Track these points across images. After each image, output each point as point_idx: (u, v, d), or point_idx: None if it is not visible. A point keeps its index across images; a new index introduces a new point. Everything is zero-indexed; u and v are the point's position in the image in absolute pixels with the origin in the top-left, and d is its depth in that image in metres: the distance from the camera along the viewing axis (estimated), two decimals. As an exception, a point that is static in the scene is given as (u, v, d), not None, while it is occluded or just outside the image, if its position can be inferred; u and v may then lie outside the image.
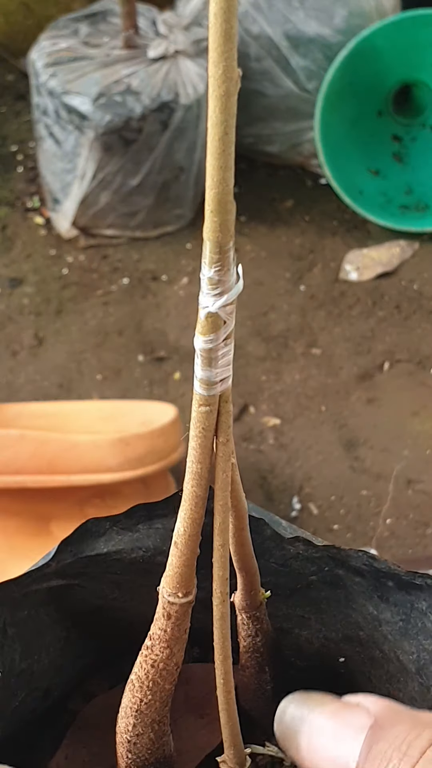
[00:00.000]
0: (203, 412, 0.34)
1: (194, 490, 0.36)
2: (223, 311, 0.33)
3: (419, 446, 1.37)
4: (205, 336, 0.33)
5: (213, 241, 0.30)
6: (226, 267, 0.31)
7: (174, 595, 0.40)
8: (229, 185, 0.29)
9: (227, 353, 0.35)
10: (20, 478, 1.06)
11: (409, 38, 1.61)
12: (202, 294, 0.33)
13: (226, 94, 0.26)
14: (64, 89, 1.49)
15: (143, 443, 1.07)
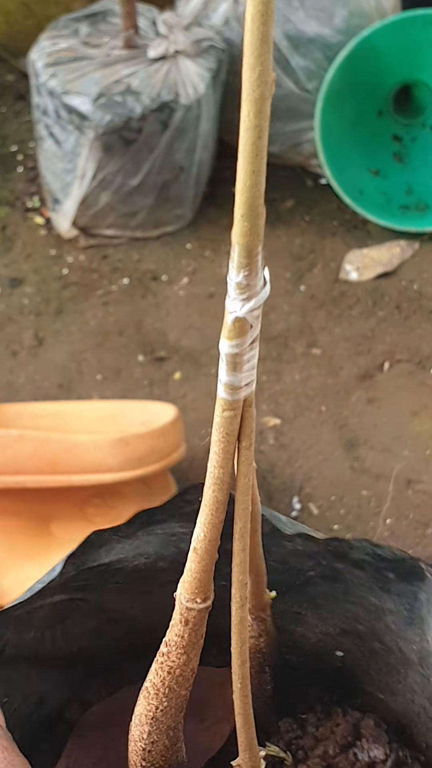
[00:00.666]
0: (227, 417, 0.34)
1: (215, 495, 0.35)
2: (251, 316, 0.33)
3: (419, 446, 1.37)
4: (231, 341, 0.33)
5: (242, 246, 0.29)
6: (254, 271, 0.31)
7: (192, 600, 0.39)
8: (260, 189, 0.29)
9: (252, 357, 0.34)
10: (20, 478, 1.06)
11: (410, 38, 1.62)
12: (229, 299, 0.32)
13: (261, 97, 0.25)
14: (64, 89, 1.49)
15: (143, 443, 1.08)
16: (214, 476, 0.36)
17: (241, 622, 0.39)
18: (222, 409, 0.34)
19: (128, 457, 1.07)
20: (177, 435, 1.13)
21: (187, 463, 1.32)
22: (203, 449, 1.36)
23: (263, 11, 0.24)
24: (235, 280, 0.31)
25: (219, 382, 0.32)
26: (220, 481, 0.36)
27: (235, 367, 0.33)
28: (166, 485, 1.18)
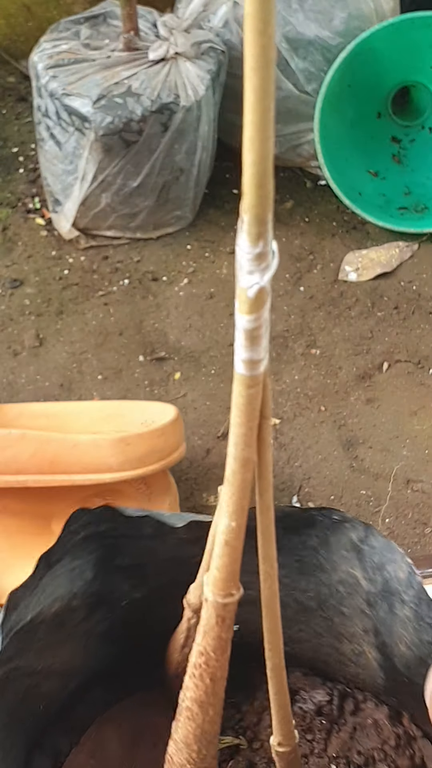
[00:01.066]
0: (252, 393, 0.33)
1: (244, 476, 0.35)
2: (268, 286, 0.33)
3: (418, 446, 1.37)
4: (250, 314, 0.32)
5: (257, 216, 0.29)
6: (268, 240, 0.31)
7: (227, 595, 0.39)
8: (270, 158, 0.28)
9: (267, 330, 0.34)
10: (22, 478, 1.06)
11: (408, 40, 1.62)
12: (245, 272, 0.32)
13: (264, 59, 0.25)
14: (64, 91, 1.49)
15: (144, 443, 1.08)
16: (242, 458, 0.35)
17: (273, 596, 0.39)
18: (246, 387, 0.34)
19: (128, 457, 1.07)
20: (177, 435, 1.13)
21: (187, 462, 1.32)
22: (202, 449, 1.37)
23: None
24: (254, 251, 0.31)
25: (238, 361, 0.32)
26: (247, 461, 0.36)
27: (254, 341, 0.33)
28: (166, 485, 1.18)
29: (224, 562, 0.38)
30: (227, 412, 1.41)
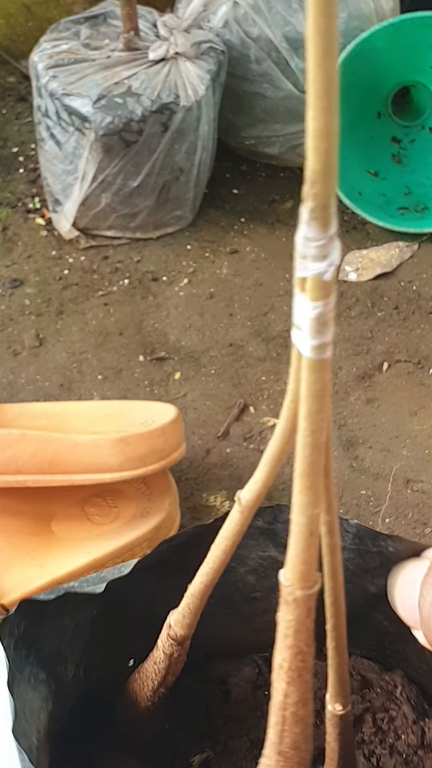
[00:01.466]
0: (327, 377, 0.33)
1: (317, 460, 0.35)
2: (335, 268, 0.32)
3: (418, 446, 1.37)
4: (319, 301, 0.32)
5: (323, 203, 0.29)
6: (335, 220, 0.31)
7: (314, 584, 0.39)
8: (336, 144, 0.28)
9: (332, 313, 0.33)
10: (21, 478, 1.06)
11: (408, 40, 1.62)
12: (311, 260, 0.31)
13: (327, 35, 0.25)
14: (64, 91, 1.49)
15: (144, 443, 1.08)
16: (318, 443, 0.35)
17: (332, 550, 0.39)
18: (323, 371, 0.33)
19: (128, 457, 1.07)
20: (177, 435, 1.13)
21: (187, 462, 1.32)
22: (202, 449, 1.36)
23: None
24: (327, 235, 0.31)
25: (305, 348, 0.32)
26: (322, 447, 0.35)
27: (326, 325, 0.33)
28: (166, 485, 1.18)
29: (301, 553, 0.38)
30: (227, 412, 1.42)
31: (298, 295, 0.32)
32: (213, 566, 0.44)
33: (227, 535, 0.43)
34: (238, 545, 0.48)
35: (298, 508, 0.36)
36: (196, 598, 0.45)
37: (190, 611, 0.46)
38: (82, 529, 1.12)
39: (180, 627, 0.46)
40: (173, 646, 0.47)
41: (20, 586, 1.06)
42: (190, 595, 0.45)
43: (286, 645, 0.39)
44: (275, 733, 0.41)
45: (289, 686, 0.39)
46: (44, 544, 1.11)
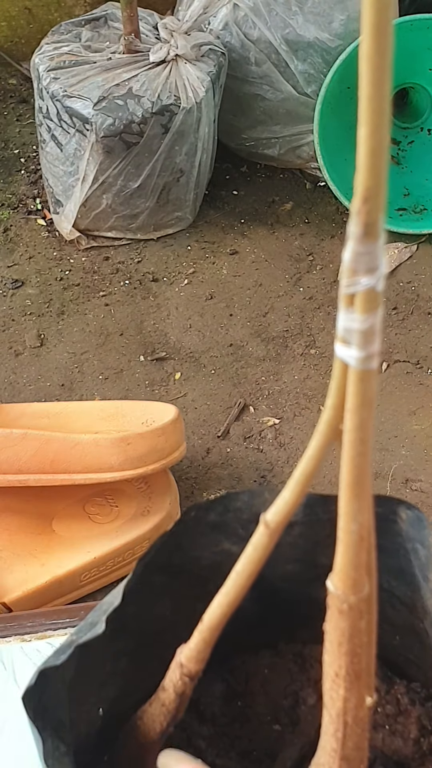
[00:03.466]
0: (375, 387, 0.33)
1: (366, 469, 0.35)
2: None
3: (417, 445, 1.38)
4: (369, 313, 0.32)
5: (375, 218, 0.29)
6: (383, 236, 0.31)
7: (362, 589, 0.38)
8: (388, 162, 0.28)
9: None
10: (23, 477, 1.07)
11: (407, 43, 1.63)
12: (363, 274, 0.31)
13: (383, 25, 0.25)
14: (66, 93, 1.50)
15: (144, 442, 1.09)
16: (366, 451, 0.35)
17: (369, 551, 0.38)
18: (369, 381, 0.33)
19: (129, 457, 1.08)
20: (177, 434, 1.14)
21: (188, 462, 1.33)
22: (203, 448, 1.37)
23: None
24: (378, 245, 0.31)
25: (356, 361, 0.32)
26: (369, 455, 0.35)
27: (373, 336, 0.33)
28: (166, 484, 1.19)
29: (361, 559, 0.38)
30: (227, 411, 1.42)
31: (346, 311, 0.32)
32: (233, 595, 0.41)
33: (251, 560, 0.40)
34: (189, 547, 0.48)
35: (349, 516, 0.36)
36: (212, 631, 0.42)
37: (205, 645, 0.43)
38: (83, 528, 1.13)
39: (194, 663, 0.43)
40: (186, 684, 0.44)
41: (22, 584, 1.07)
42: (205, 628, 0.42)
43: (342, 652, 0.39)
44: (336, 740, 0.40)
45: (348, 692, 0.39)
46: (45, 542, 1.12)
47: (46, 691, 0.41)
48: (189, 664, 0.43)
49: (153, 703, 0.46)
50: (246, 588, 0.41)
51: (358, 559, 0.37)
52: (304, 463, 0.37)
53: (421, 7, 1.71)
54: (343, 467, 0.35)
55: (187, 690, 0.44)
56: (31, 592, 1.07)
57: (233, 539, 0.48)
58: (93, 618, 0.43)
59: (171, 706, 0.45)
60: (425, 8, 1.66)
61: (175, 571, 0.44)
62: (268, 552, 0.40)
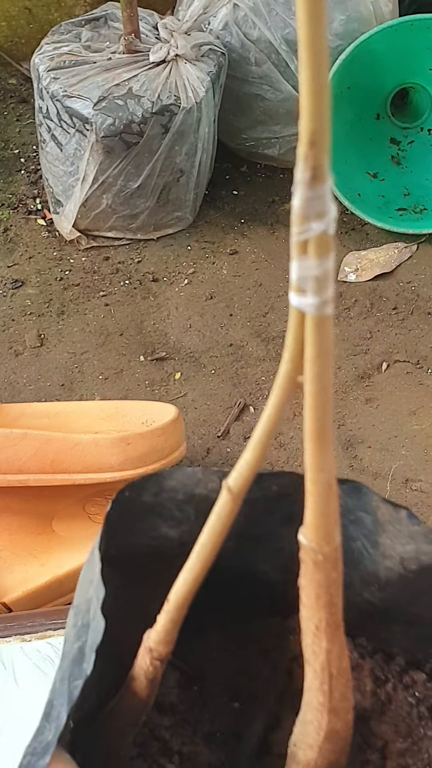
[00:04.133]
0: (331, 334, 0.33)
1: (328, 419, 0.35)
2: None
3: (417, 445, 1.38)
4: (323, 257, 0.32)
5: (322, 161, 0.29)
6: (329, 173, 0.31)
7: (335, 538, 0.38)
8: (330, 103, 0.28)
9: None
10: (23, 477, 1.07)
11: (407, 42, 1.63)
12: (314, 219, 0.32)
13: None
14: (66, 93, 1.50)
15: (144, 442, 1.09)
16: (326, 401, 0.35)
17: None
18: (325, 328, 0.34)
19: (129, 456, 1.08)
20: (177, 434, 1.14)
21: (188, 462, 1.33)
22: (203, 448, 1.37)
23: None
24: (326, 188, 0.31)
25: (312, 308, 0.32)
26: (330, 405, 0.35)
27: (327, 281, 0.33)
28: (166, 484, 1.19)
29: (331, 508, 0.38)
30: (227, 411, 1.42)
31: (300, 259, 0.32)
32: (198, 570, 0.40)
33: (215, 531, 0.39)
34: (120, 535, 0.46)
35: (315, 466, 0.36)
36: (179, 610, 0.41)
37: (173, 625, 0.42)
38: (83, 528, 1.12)
39: (163, 645, 0.42)
40: (157, 668, 0.43)
41: (22, 584, 1.07)
42: (172, 608, 0.41)
43: (321, 605, 0.39)
44: (323, 693, 0.40)
45: (331, 643, 0.39)
46: (45, 542, 1.12)
47: None
48: (158, 647, 0.42)
49: (123, 696, 0.45)
50: (211, 561, 0.40)
51: (329, 508, 0.37)
52: (263, 422, 0.36)
53: (421, 7, 1.71)
54: (306, 418, 0.35)
55: (158, 674, 0.43)
56: (31, 592, 1.07)
57: (170, 522, 0.47)
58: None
59: (143, 693, 0.44)
60: (425, 8, 1.66)
61: (113, 560, 0.44)
62: (232, 519, 0.39)
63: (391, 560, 0.47)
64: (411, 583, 0.46)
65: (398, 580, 0.47)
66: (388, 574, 0.47)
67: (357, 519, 0.46)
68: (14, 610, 1.05)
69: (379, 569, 0.47)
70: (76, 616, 0.42)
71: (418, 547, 0.45)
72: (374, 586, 0.48)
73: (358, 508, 0.46)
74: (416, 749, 0.49)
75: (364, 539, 0.47)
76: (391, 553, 0.46)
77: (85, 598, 0.42)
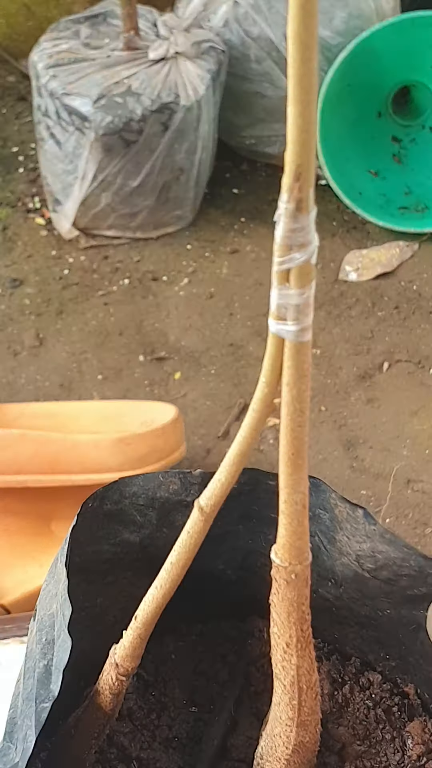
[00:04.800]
0: (309, 358, 0.34)
1: (304, 439, 0.35)
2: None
3: (418, 446, 1.37)
4: (304, 287, 0.33)
5: (307, 193, 0.29)
6: (313, 204, 0.31)
7: (307, 557, 0.38)
8: (317, 136, 0.29)
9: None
10: (22, 478, 1.06)
11: (409, 40, 1.62)
12: (297, 250, 0.32)
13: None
14: (64, 90, 1.49)
15: (144, 443, 1.08)
16: (304, 422, 0.36)
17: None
18: (304, 353, 0.35)
19: (129, 457, 1.07)
20: (177, 435, 1.13)
21: (187, 462, 1.32)
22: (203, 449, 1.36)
23: None
24: (310, 219, 0.31)
25: (291, 335, 0.33)
26: (307, 425, 0.36)
27: (308, 308, 0.34)
28: (166, 485, 1.18)
29: (305, 527, 0.39)
30: (227, 411, 1.41)
31: (280, 288, 0.33)
32: (168, 587, 0.40)
33: (187, 548, 0.39)
34: (87, 542, 0.46)
35: (290, 487, 0.37)
36: (147, 626, 0.41)
37: (140, 641, 0.42)
38: (82, 530, 1.12)
39: (129, 661, 0.42)
40: (123, 683, 0.43)
41: (20, 585, 1.06)
42: (140, 624, 0.41)
43: (292, 622, 0.39)
44: (292, 708, 0.40)
45: (300, 659, 0.40)
46: (44, 544, 1.11)
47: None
48: (124, 663, 0.42)
49: (87, 709, 0.45)
50: (181, 577, 0.40)
51: (302, 528, 0.38)
52: (237, 443, 0.37)
53: (423, 3, 1.70)
54: (282, 440, 0.36)
55: (123, 689, 0.43)
56: (30, 594, 1.06)
57: (131, 528, 0.47)
58: None
59: (108, 707, 0.44)
60: (427, 5, 1.66)
61: (75, 569, 0.44)
62: (203, 537, 0.39)
63: (347, 557, 0.47)
64: (365, 582, 0.47)
65: (353, 577, 0.47)
66: (344, 571, 0.48)
67: (315, 516, 0.47)
68: (13, 611, 1.05)
69: (336, 565, 0.48)
70: (40, 631, 0.42)
71: (374, 545, 0.46)
72: (330, 582, 0.49)
73: (316, 505, 0.47)
74: (374, 752, 0.49)
75: (321, 535, 0.47)
76: (348, 550, 0.47)
77: (49, 613, 0.42)
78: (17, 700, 0.42)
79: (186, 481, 0.47)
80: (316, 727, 0.42)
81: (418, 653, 0.48)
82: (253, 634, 0.54)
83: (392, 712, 0.50)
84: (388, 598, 0.47)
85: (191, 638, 0.54)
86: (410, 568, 0.45)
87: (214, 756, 0.49)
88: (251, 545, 0.50)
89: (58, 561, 0.42)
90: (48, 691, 0.38)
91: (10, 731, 0.41)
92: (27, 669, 0.42)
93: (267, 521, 0.46)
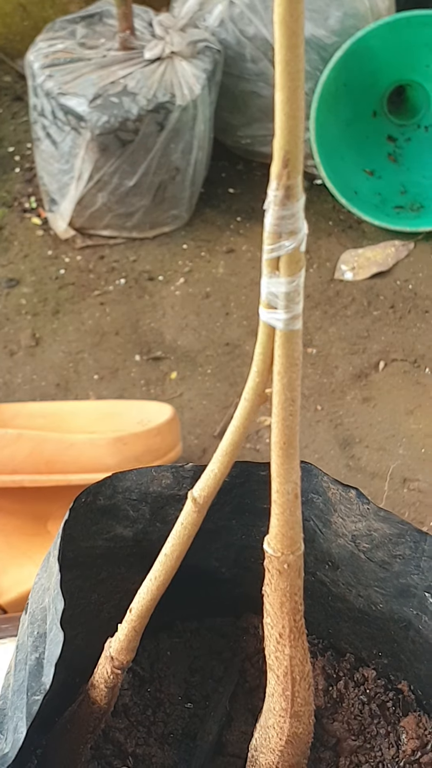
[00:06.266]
0: (300, 347, 0.35)
1: (295, 428, 0.35)
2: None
3: (414, 445, 1.38)
4: (294, 275, 0.33)
5: (296, 180, 0.30)
6: (302, 190, 0.31)
7: (300, 547, 0.38)
8: (304, 122, 0.29)
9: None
10: (18, 478, 1.06)
11: (404, 39, 1.62)
12: (287, 237, 0.32)
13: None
14: (60, 90, 1.49)
15: (140, 442, 1.08)
16: (295, 411, 0.36)
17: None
18: (295, 341, 0.35)
19: (125, 457, 1.07)
20: (173, 434, 1.13)
21: (183, 461, 1.32)
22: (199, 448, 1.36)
23: None
24: (299, 206, 0.31)
25: (281, 323, 0.33)
26: (298, 415, 0.36)
27: (298, 297, 0.34)
28: (162, 484, 1.18)
29: (297, 516, 0.39)
30: (223, 411, 1.42)
31: (270, 276, 0.33)
32: (162, 579, 0.40)
33: (181, 539, 0.39)
34: (81, 537, 0.46)
35: (282, 477, 0.37)
36: (141, 619, 0.41)
37: (135, 634, 0.42)
38: (79, 529, 1.12)
39: (124, 654, 0.42)
40: (118, 676, 0.43)
41: (17, 585, 1.06)
42: (134, 617, 0.41)
43: (285, 612, 0.39)
44: (285, 699, 0.40)
45: (294, 649, 0.39)
46: (41, 543, 1.11)
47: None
48: (119, 656, 0.42)
49: (83, 703, 0.45)
50: (175, 569, 0.40)
51: (294, 517, 0.38)
52: (230, 433, 0.37)
53: (418, 3, 1.70)
54: (274, 430, 0.36)
55: (118, 682, 0.43)
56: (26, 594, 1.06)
57: (125, 523, 0.47)
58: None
59: (103, 701, 0.44)
60: (422, 4, 1.66)
61: (70, 565, 0.44)
62: (197, 529, 0.39)
63: (343, 538, 0.47)
64: (361, 566, 0.47)
65: (350, 559, 0.48)
66: (341, 552, 0.48)
67: (308, 500, 0.47)
68: (9, 611, 1.05)
69: (332, 547, 0.48)
70: (32, 624, 0.42)
71: (369, 524, 0.46)
72: (327, 565, 0.49)
73: (309, 490, 0.47)
74: (369, 747, 0.49)
75: (316, 519, 0.47)
76: (343, 531, 0.47)
77: (41, 606, 0.42)
78: (7, 692, 0.42)
79: (178, 475, 0.47)
80: (310, 718, 0.42)
81: (409, 651, 0.49)
82: (248, 631, 0.54)
83: (387, 708, 0.51)
84: (382, 588, 0.47)
85: (186, 635, 0.54)
86: (406, 545, 0.45)
87: (210, 751, 0.49)
88: (245, 540, 0.50)
89: (51, 555, 0.42)
90: (39, 684, 0.38)
91: (0, 722, 0.41)
92: (18, 661, 0.42)
93: (260, 514, 0.46)
